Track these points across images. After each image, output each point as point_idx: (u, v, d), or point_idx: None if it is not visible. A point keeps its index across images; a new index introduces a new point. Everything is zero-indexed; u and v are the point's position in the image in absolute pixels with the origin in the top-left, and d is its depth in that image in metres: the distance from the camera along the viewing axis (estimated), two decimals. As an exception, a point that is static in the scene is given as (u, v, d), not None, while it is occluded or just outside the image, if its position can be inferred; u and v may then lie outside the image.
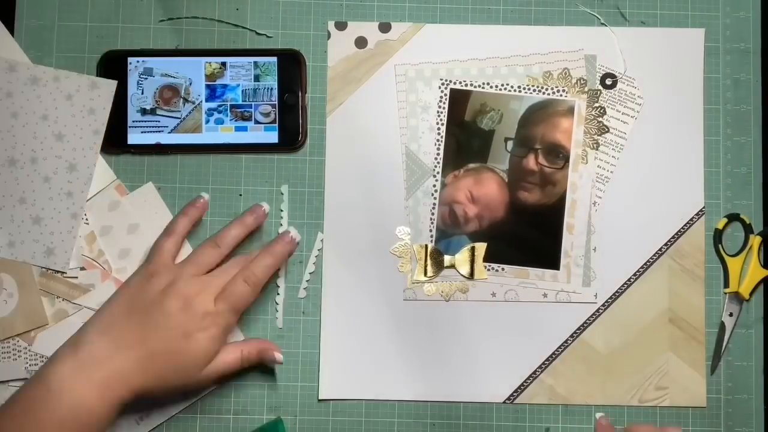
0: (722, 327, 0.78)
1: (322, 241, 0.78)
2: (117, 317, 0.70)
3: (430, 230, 0.78)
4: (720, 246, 0.78)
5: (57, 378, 0.66)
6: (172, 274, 0.72)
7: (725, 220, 0.78)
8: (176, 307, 0.70)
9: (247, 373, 0.77)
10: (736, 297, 0.78)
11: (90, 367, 0.67)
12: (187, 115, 0.77)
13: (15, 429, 0.65)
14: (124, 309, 0.71)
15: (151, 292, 0.71)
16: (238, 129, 0.77)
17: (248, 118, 0.78)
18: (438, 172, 0.78)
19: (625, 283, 0.78)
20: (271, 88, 0.78)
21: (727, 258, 0.78)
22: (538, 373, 0.77)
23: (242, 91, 0.78)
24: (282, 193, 0.78)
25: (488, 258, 0.78)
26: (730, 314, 0.78)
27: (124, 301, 0.71)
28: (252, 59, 0.78)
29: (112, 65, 0.77)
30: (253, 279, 0.72)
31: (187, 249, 0.76)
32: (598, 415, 0.76)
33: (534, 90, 0.79)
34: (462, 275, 0.78)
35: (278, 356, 0.74)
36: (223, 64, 0.78)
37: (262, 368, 0.77)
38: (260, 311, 0.77)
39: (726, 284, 0.78)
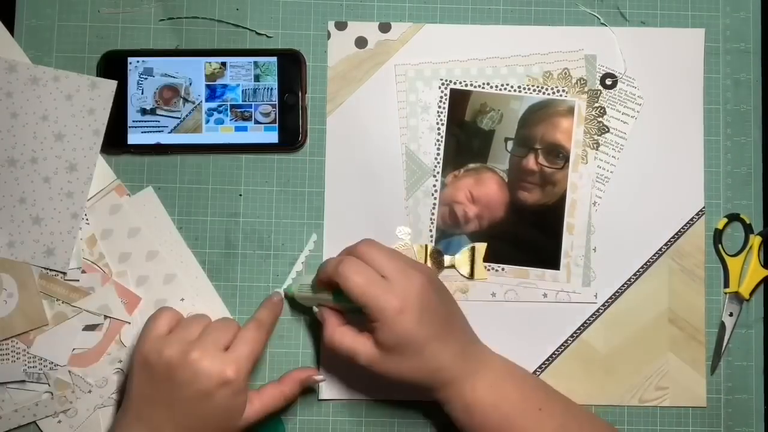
0: (722, 327, 0.78)
1: (314, 242, 0.77)
2: (144, 399, 0.69)
3: (430, 230, 0.78)
4: (720, 246, 0.78)
5: None
6: (175, 344, 0.69)
7: (725, 220, 0.78)
8: (183, 377, 0.67)
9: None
10: (736, 297, 0.78)
11: None
12: (187, 115, 0.77)
13: None
14: (146, 389, 0.69)
15: (162, 367, 0.68)
16: (238, 129, 0.77)
17: (248, 118, 0.78)
18: (438, 172, 0.78)
19: (625, 283, 0.78)
20: (271, 88, 0.78)
21: (727, 258, 0.78)
22: (538, 373, 0.77)
23: (242, 91, 0.78)
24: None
25: (488, 258, 0.78)
26: (730, 314, 0.78)
27: (143, 379, 0.69)
28: (252, 59, 0.78)
29: (112, 65, 0.77)
30: (258, 324, 0.72)
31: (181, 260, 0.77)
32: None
33: (534, 90, 0.79)
34: (462, 275, 0.78)
35: (319, 377, 0.75)
36: (223, 64, 0.78)
37: (261, 367, 0.77)
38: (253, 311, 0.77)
39: (726, 284, 0.78)
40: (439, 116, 0.79)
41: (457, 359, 0.69)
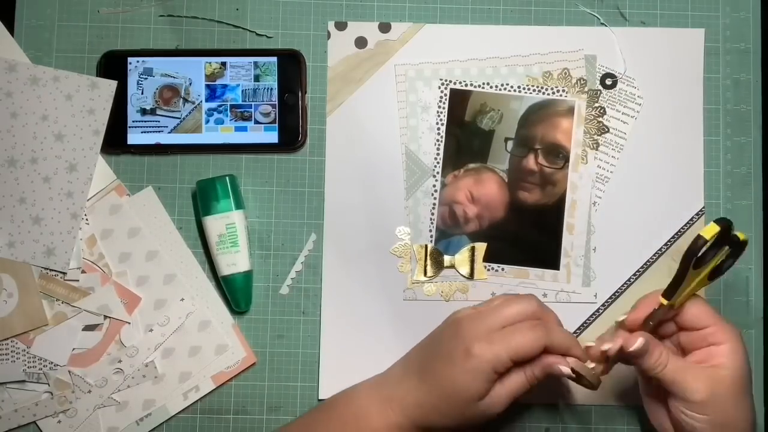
0: None
1: (313, 242, 0.78)
2: (420, 346, 0.72)
3: (430, 230, 0.78)
4: None
5: (357, 387, 0.72)
6: (471, 308, 0.70)
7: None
8: (448, 333, 0.68)
9: (246, 372, 0.77)
10: None
11: (381, 384, 0.71)
12: (187, 115, 0.77)
13: (313, 416, 0.73)
14: (427, 338, 0.72)
15: (446, 322, 0.70)
16: (238, 129, 0.77)
17: (248, 118, 0.78)
18: (438, 172, 0.78)
19: (625, 283, 0.78)
20: (271, 88, 0.78)
21: None
22: (538, 373, 0.77)
23: (242, 91, 0.78)
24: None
25: (488, 258, 0.78)
26: None
27: (435, 331, 0.71)
28: (252, 59, 0.78)
29: (112, 65, 0.77)
30: (541, 331, 0.66)
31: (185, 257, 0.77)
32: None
33: (534, 90, 0.79)
34: (462, 275, 0.78)
35: (564, 369, 0.66)
36: (223, 64, 0.78)
37: (261, 367, 0.77)
38: (255, 312, 0.77)
39: None
40: (439, 116, 0.79)
41: None
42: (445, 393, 0.66)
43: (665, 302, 0.65)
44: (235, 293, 0.75)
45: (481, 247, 0.78)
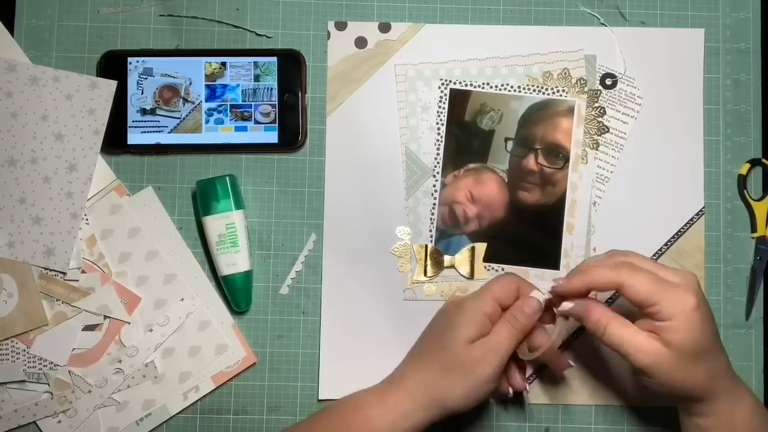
0: (753, 271, 0.78)
1: (313, 242, 0.78)
2: (419, 342, 0.74)
3: (430, 230, 0.78)
4: (745, 191, 0.78)
5: (364, 395, 0.72)
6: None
7: (748, 165, 0.79)
8: (439, 318, 0.72)
9: (246, 372, 0.77)
10: (764, 241, 0.78)
11: (386, 393, 0.71)
12: (187, 115, 0.77)
13: (318, 424, 0.72)
14: (426, 332, 0.74)
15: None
16: (238, 129, 0.77)
17: (248, 118, 0.78)
18: (438, 172, 0.78)
19: (625, 284, 0.78)
20: (271, 88, 0.78)
21: (752, 202, 0.78)
22: (538, 373, 0.77)
23: (242, 91, 0.78)
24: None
25: (488, 258, 0.78)
26: (759, 258, 0.78)
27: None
28: (252, 59, 0.78)
29: (112, 65, 0.77)
30: (511, 275, 0.72)
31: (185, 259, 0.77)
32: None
33: (534, 90, 0.79)
34: (462, 275, 0.78)
35: (539, 295, 0.70)
36: (223, 64, 0.78)
37: (261, 367, 0.77)
38: (255, 312, 0.77)
39: (753, 229, 0.79)
40: (439, 116, 0.79)
41: (729, 369, 0.66)
42: (444, 357, 0.69)
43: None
44: (235, 293, 0.75)
45: (481, 247, 0.78)
